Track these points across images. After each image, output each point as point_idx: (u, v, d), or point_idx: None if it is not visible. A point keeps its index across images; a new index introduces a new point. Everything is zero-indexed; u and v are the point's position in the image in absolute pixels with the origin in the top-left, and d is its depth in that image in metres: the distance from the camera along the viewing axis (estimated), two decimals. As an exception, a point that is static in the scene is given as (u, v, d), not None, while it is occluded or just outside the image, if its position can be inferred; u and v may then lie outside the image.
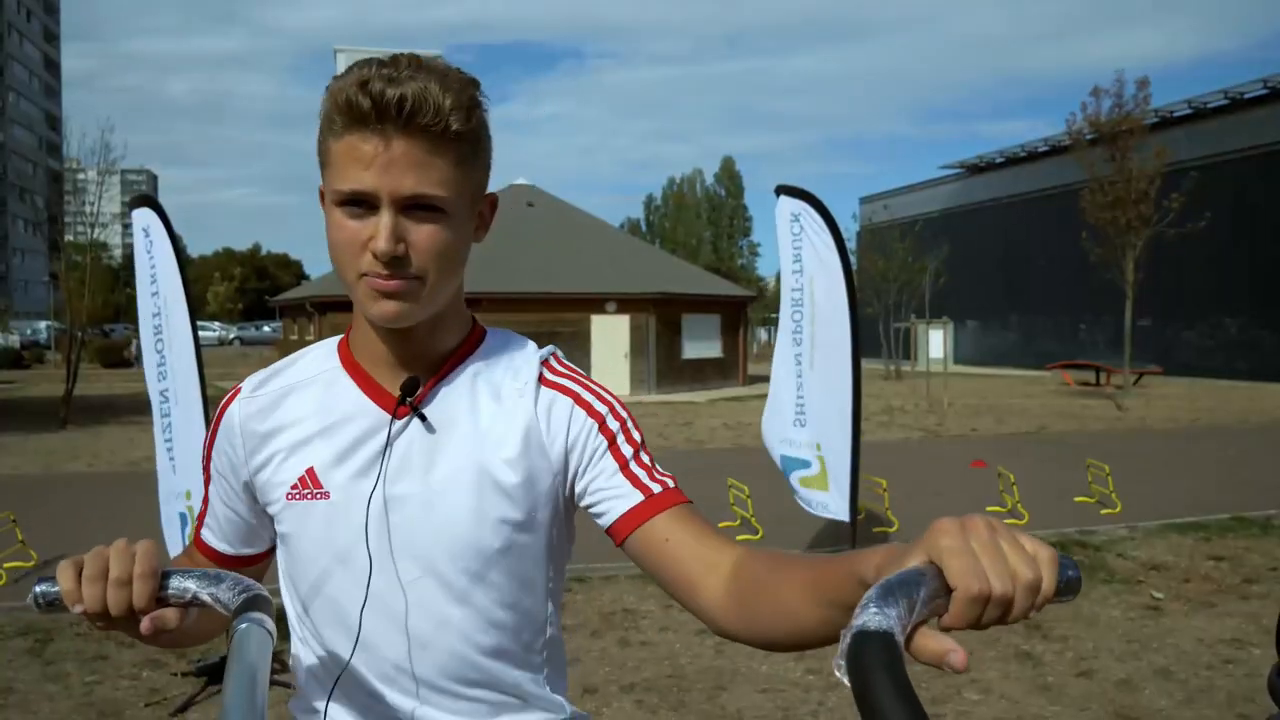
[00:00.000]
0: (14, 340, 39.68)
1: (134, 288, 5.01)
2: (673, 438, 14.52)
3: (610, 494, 1.17)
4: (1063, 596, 0.78)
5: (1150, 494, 9.11)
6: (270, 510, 1.20)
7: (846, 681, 0.67)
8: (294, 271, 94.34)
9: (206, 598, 0.98)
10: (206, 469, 1.25)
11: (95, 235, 18.34)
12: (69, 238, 19.87)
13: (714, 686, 4.53)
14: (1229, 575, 6.38)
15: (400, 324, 1.10)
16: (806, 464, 6.09)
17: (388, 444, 1.15)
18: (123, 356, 34.84)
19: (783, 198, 6.09)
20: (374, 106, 1.03)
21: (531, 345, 1.26)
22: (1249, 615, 5.51)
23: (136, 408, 19.69)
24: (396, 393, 1.16)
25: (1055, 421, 16.55)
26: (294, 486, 1.16)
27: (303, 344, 1.24)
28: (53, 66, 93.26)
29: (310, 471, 1.16)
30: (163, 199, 5.20)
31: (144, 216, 4.85)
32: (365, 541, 1.14)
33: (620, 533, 1.16)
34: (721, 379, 25.82)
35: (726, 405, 20.50)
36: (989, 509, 8.33)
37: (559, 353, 1.27)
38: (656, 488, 1.17)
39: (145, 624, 0.97)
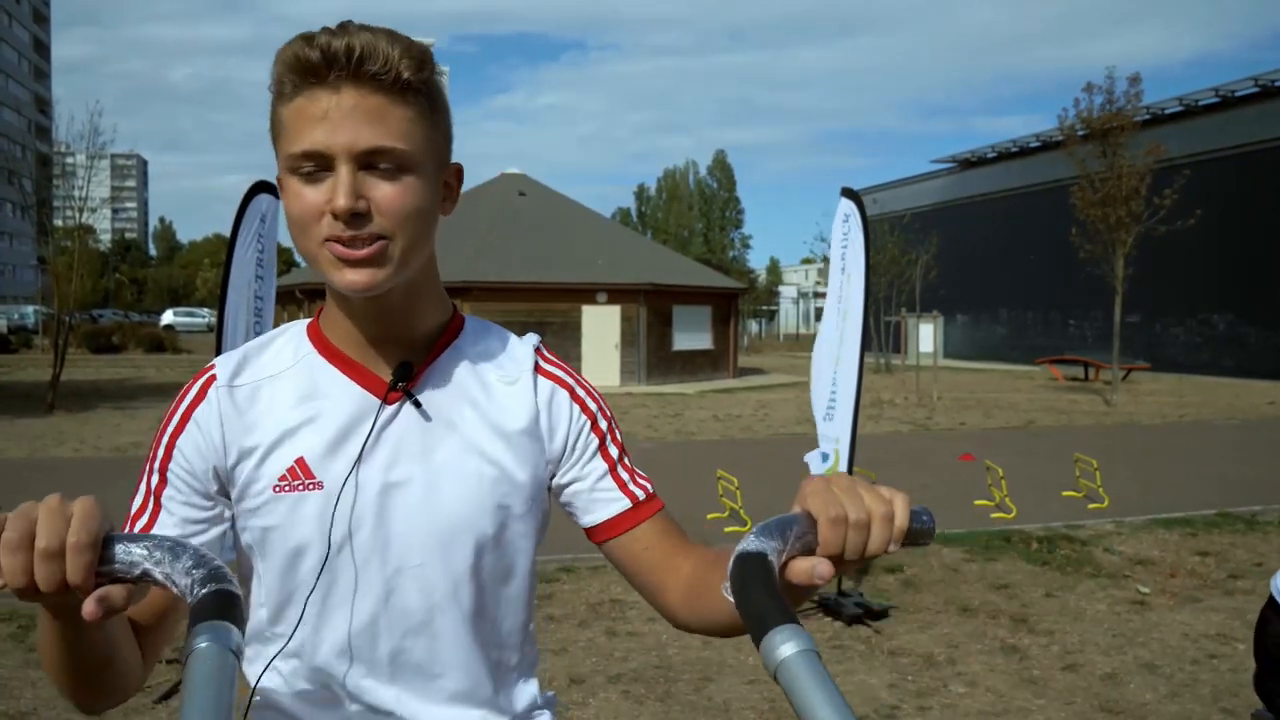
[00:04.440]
0: (1, 325, 39.46)
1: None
2: (662, 429, 14.52)
3: (598, 496, 1.20)
4: (918, 539, 0.90)
5: (1137, 489, 9.15)
6: (246, 505, 1.12)
7: (731, 598, 0.80)
8: (284, 259, 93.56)
9: (160, 576, 0.81)
10: (163, 470, 1.12)
11: (84, 219, 18.19)
12: (57, 222, 19.72)
13: (701, 677, 4.53)
14: (1214, 570, 6.41)
15: (371, 293, 1.05)
16: (826, 457, 6.10)
17: (381, 430, 1.12)
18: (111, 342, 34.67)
19: (842, 199, 6.10)
20: (323, 57, 0.99)
21: (514, 335, 1.26)
22: (1234, 610, 5.53)
23: (124, 393, 19.61)
24: (383, 376, 1.12)
25: (1043, 416, 16.61)
26: (282, 478, 1.10)
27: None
28: (42, 49, 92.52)
29: (300, 461, 1.10)
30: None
31: (264, 202, 5.04)
32: (364, 529, 1.11)
33: (602, 535, 1.20)
34: (712, 371, 25.82)
35: (716, 397, 20.51)
36: (976, 502, 8.35)
37: (544, 343, 1.27)
38: (640, 494, 1.21)
39: (89, 607, 0.79)
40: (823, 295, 6.68)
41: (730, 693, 4.36)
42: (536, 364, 1.21)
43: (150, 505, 1.11)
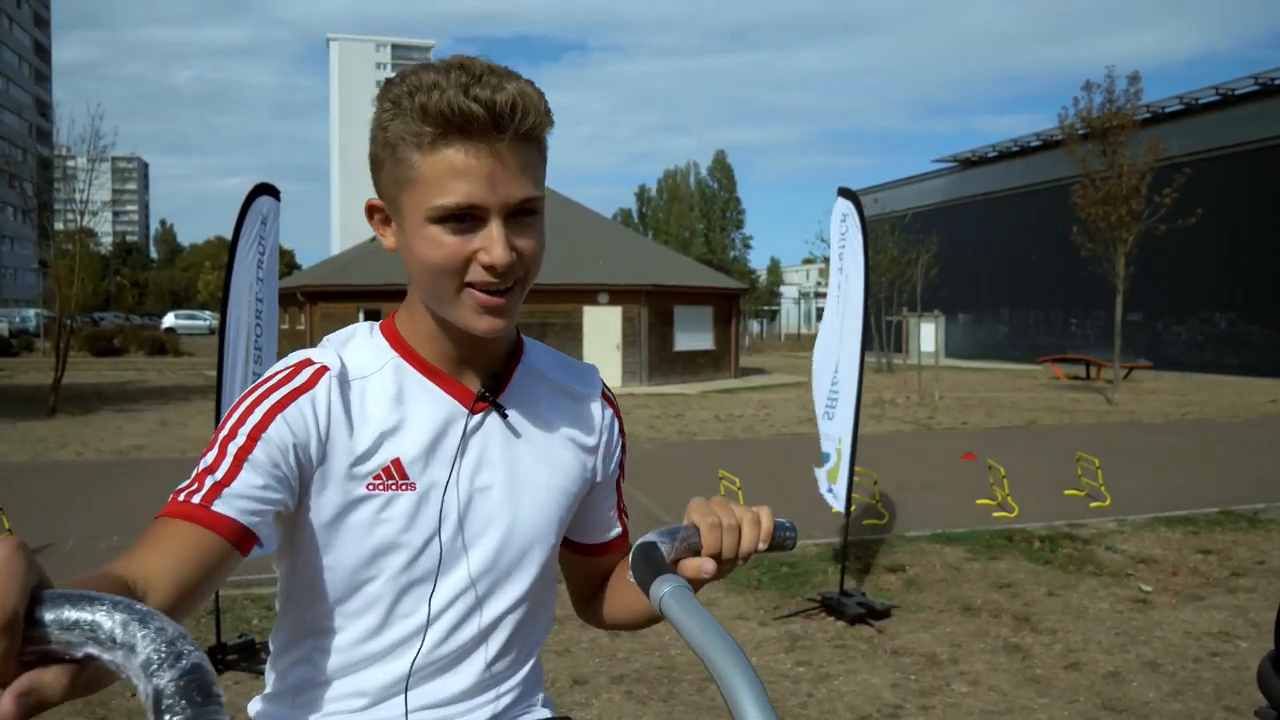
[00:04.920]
0: (2, 328, 39.47)
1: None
2: (664, 430, 14.51)
3: (604, 521, 1.33)
4: (783, 543, 1.11)
5: (1139, 488, 9.14)
6: (328, 498, 1.11)
7: (633, 579, 0.98)
8: (285, 261, 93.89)
9: (109, 663, 0.59)
10: (255, 435, 1.06)
11: (85, 222, 18.20)
12: (58, 225, 19.73)
13: (703, 678, 4.53)
14: (1217, 569, 6.40)
15: (504, 334, 1.12)
16: (828, 457, 6.10)
17: (469, 437, 1.17)
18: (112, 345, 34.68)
19: (839, 199, 6.11)
20: (488, 115, 1.00)
21: (566, 355, 1.35)
22: (1236, 608, 5.53)
23: (125, 396, 19.62)
24: (469, 387, 1.18)
25: (1045, 415, 16.60)
26: (376, 477, 1.13)
27: (294, 334, 1.23)
28: (43, 52, 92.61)
29: (396, 463, 1.13)
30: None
31: (265, 205, 4.98)
32: (448, 531, 1.16)
33: (592, 551, 1.34)
34: (713, 371, 25.82)
35: (718, 397, 20.51)
36: (979, 501, 8.35)
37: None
38: (625, 522, 1.36)
39: (7, 706, 0.58)
40: (824, 295, 6.68)
41: (733, 693, 4.35)
42: (603, 389, 1.32)
43: (228, 462, 1.04)
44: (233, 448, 1.05)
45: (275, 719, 1.23)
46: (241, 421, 1.07)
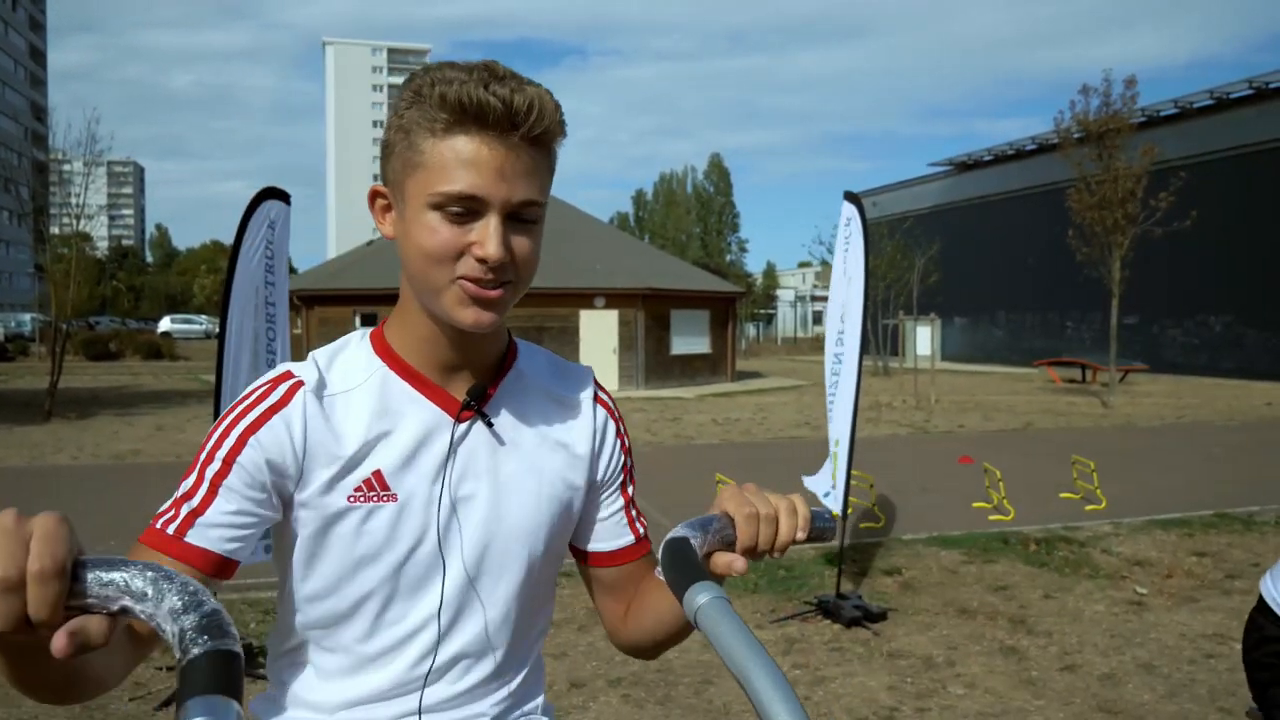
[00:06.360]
0: (-2, 332, 39.39)
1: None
2: (661, 433, 14.52)
3: (612, 529, 1.30)
4: (822, 535, 1.08)
5: (1135, 490, 9.16)
6: (311, 512, 1.12)
7: (662, 577, 0.94)
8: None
9: (140, 613, 0.69)
10: (229, 460, 1.08)
11: (81, 227, 18.18)
12: (54, 229, 19.70)
13: (701, 680, 4.54)
14: (1212, 571, 6.42)
15: (488, 330, 1.11)
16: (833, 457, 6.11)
17: (454, 446, 1.16)
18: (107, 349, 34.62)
19: (845, 203, 6.11)
20: (505, 110, 1.02)
21: (559, 356, 1.33)
22: (1231, 610, 5.55)
23: (122, 400, 19.60)
24: (455, 395, 1.17)
25: (1041, 418, 16.63)
26: (358, 489, 1.13)
27: (289, 337, 1.22)
28: (39, 56, 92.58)
29: (378, 474, 1.13)
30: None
31: (273, 209, 4.94)
32: (437, 543, 1.16)
33: (602, 561, 1.30)
34: (710, 375, 25.83)
35: (715, 401, 20.52)
36: (975, 504, 8.37)
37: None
38: (641, 531, 1.32)
39: (59, 642, 0.67)
40: (821, 299, 6.70)
41: (730, 695, 4.37)
42: (595, 392, 1.29)
43: (204, 489, 1.07)
44: (210, 473, 1.08)
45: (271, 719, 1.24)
46: (219, 445, 1.10)
